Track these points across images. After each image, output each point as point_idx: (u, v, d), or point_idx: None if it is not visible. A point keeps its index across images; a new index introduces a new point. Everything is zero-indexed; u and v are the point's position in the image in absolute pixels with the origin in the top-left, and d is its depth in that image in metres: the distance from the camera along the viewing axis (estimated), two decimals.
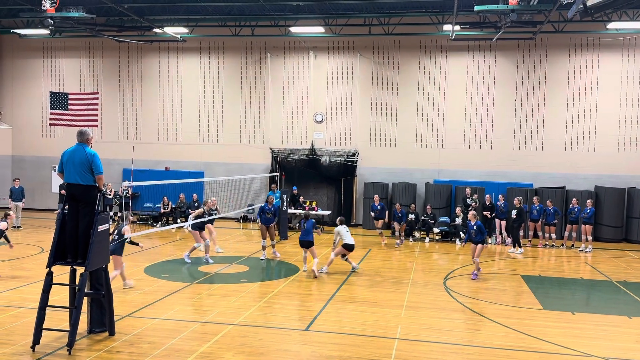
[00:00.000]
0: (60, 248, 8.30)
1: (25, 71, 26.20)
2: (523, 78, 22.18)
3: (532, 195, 20.14)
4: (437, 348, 8.64)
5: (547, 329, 9.73)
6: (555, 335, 9.36)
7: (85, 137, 8.47)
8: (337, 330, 9.42)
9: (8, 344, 8.21)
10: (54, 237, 8.31)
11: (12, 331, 8.83)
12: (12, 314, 9.72)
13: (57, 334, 8.49)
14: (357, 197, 23.23)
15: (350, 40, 23.29)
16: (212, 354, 8.10)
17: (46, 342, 8.19)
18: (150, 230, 16.45)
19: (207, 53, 24.59)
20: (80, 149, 8.35)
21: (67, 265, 8.41)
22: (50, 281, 8.17)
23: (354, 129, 23.39)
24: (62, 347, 8.03)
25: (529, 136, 22.14)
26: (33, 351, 7.92)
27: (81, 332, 8.56)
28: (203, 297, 11.30)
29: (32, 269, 13.54)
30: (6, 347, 8.08)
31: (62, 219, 8.35)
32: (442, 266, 15.50)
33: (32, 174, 25.61)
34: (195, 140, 24.68)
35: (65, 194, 8.46)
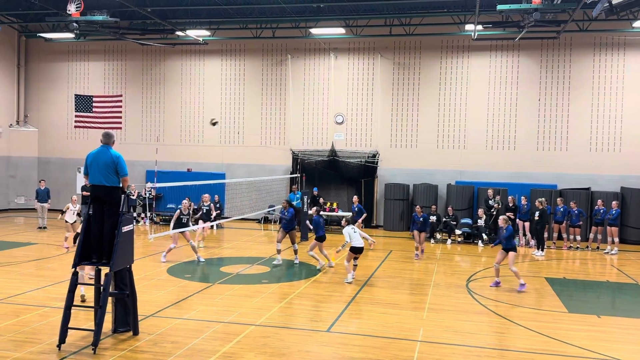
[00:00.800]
0: (86, 248, 8.42)
1: (51, 74, 26.68)
2: (547, 78, 21.90)
3: (556, 196, 19.87)
4: (460, 351, 8.57)
5: (572, 332, 9.59)
6: (580, 339, 9.22)
7: (113, 139, 8.61)
8: (359, 331, 9.40)
9: (35, 343, 8.36)
10: (80, 237, 8.44)
11: (38, 330, 8.99)
12: (38, 313, 9.90)
13: (83, 333, 8.62)
14: (378, 198, 23.15)
15: (371, 41, 23.25)
16: (234, 354, 8.14)
17: (72, 341, 8.31)
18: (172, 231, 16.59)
19: (228, 55, 24.76)
20: (105, 150, 8.47)
21: (92, 265, 8.53)
22: (75, 281, 8.30)
23: (375, 130, 23.34)
24: (87, 346, 8.15)
25: (553, 137, 21.84)
26: (59, 350, 8.05)
27: (106, 331, 8.68)
28: (225, 298, 11.37)
29: (57, 268, 13.76)
30: (33, 346, 8.23)
31: (87, 220, 8.48)
32: (465, 268, 15.37)
33: (57, 176, 26.05)
34: (217, 141, 24.86)
35: (91, 196, 8.58)
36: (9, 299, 10.85)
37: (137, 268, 11.14)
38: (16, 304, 10.49)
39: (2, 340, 8.46)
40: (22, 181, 26.14)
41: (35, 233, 19.77)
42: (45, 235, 19.18)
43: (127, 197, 8.74)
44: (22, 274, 13.16)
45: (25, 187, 25.92)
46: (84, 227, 8.47)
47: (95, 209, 8.46)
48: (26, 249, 16.49)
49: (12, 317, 9.62)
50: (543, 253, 17.58)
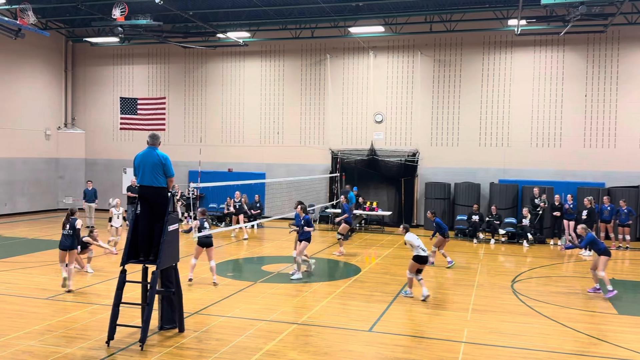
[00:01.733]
0: (133, 247, 8.63)
1: (96, 78, 27.45)
2: (593, 73, 21.27)
3: (603, 194, 19.26)
4: (505, 353, 8.41)
5: (622, 335, 9.29)
6: (630, 341, 8.92)
7: (158, 140, 8.80)
8: (401, 332, 9.33)
9: (85, 339, 8.61)
10: (127, 236, 8.66)
11: (88, 326, 9.25)
12: (87, 310, 10.19)
13: (130, 330, 8.83)
14: (418, 197, 22.94)
15: (410, 39, 23.05)
16: (277, 352, 8.20)
17: (120, 338, 8.53)
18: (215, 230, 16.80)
19: (268, 56, 24.97)
20: (152, 152, 8.65)
21: (140, 264, 8.73)
22: (123, 279, 8.51)
23: (415, 128, 23.13)
24: (135, 343, 8.35)
25: (600, 133, 21.20)
26: (108, 346, 8.27)
27: (152, 328, 8.87)
28: (267, 296, 11.46)
29: (105, 267, 14.14)
30: (83, 342, 8.47)
31: (134, 219, 8.69)
32: (509, 269, 15.07)
33: (104, 176, 26.79)
34: (257, 142, 25.11)
35: (138, 195, 8.79)
36: (58, 296, 11.21)
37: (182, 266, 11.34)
38: (66, 301, 10.83)
39: (54, 336, 8.75)
40: (70, 182, 26.99)
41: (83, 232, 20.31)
42: None
43: (173, 197, 8.91)
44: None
45: (73, 187, 26.74)
46: (131, 227, 8.68)
47: (142, 208, 8.66)
48: None
49: (62, 314, 9.93)
50: (591, 253, 17.07)
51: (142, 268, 8.84)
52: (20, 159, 25.01)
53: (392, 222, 22.62)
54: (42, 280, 12.48)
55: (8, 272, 13.38)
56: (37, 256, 15.26)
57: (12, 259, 15.01)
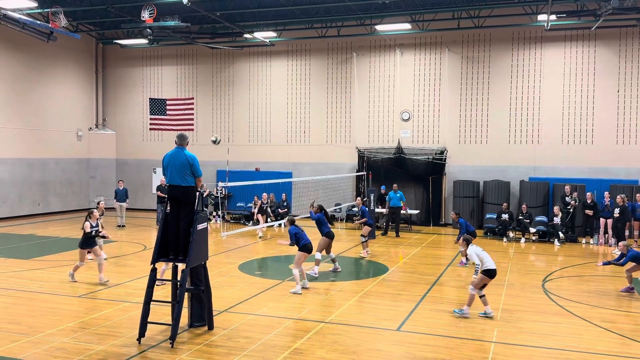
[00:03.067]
0: (163, 246, 8.75)
1: (126, 79, 27.90)
2: (626, 68, 20.77)
3: (637, 192, 18.79)
4: (537, 353, 8.28)
5: None
6: None
7: (186, 141, 8.90)
8: (430, 331, 9.25)
9: (116, 336, 8.76)
10: (158, 235, 8.78)
11: (119, 324, 9.41)
12: (119, 308, 10.37)
13: (161, 327, 8.95)
14: (447, 196, 22.73)
15: (437, 36, 22.85)
16: (305, 350, 8.22)
17: (150, 335, 8.65)
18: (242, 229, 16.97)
19: (294, 55, 25.03)
20: (180, 152, 8.76)
21: (170, 262, 8.84)
22: (154, 277, 8.63)
23: (442, 126, 22.92)
24: (165, 340, 8.45)
25: (633, 129, 20.69)
26: (139, 343, 8.39)
27: (182, 325, 8.98)
28: (294, 295, 11.49)
29: (136, 265, 14.37)
30: (114, 339, 8.62)
31: (164, 218, 8.81)
32: (540, 268, 14.82)
33: (134, 176, 27.22)
34: (284, 141, 25.20)
35: (168, 195, 8.91)
36: (91, 294, 11.43)
37: (211, 265, 11.46)
38: (98, 299, 11.04)
39: (86, 333, 8.92)
40: (102, 182, 27.50)
41: (114, 231, 20.71)
42: (123, 234, 20.07)
43: (202, 196, 9.01)
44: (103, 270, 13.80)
45: (105, 187, 27.23)
46: (161, 226, 8.80)
47: (172, 207, 8.78)
48: (106, 247, 17.23)
49: (94, 312, 10.13)
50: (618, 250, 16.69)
51: (172, 266, 8.95)
52: (53, 159, 25.58)
53: (420, 220, 22.47)
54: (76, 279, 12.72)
55: (42, 270, 13.70)
56: (70, 255, 15.57)
57: (45, 257, 15.36)
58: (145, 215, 25.29)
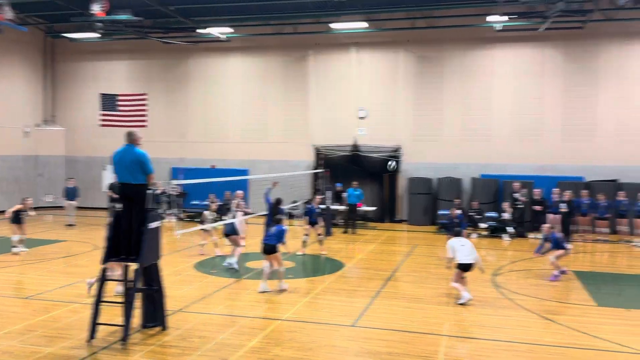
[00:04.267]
0: (114, 245, 8.57)
1: (76, 74, 27.10)
2: (573, 69, 21.52)
3: (582, 188, 19.54)
4: (487, 345, 8.52)
5: (601, 326, 9.45)
6: (609, 333, 9.08)
7: (134, 137, 8.70)
8: (384, 326, 9.39)
9: (66, 338, 8.54)
10: (108, 234, 8.59)
11: (69, 325, 9.17)
12: (68, 309, 10.10)
13: (112, 329, 8.76)
14: (401, 192, 23.06)
15: (393, 35, 23.11)
16: (261, 348, 8.21)
17: (101, 336, 8.47)
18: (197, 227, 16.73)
19: (250, 52, 24.86)
20: (130, 149, 8.58)
21: (121, 262, 8.67)
22: (104, 277, 8.45)
23: (398, 124, 23.21)
24: (117, 341, 8.29)
25: (579, 128, 21.47)
26: (90, 345, 8.21)
27: (135, 326, 8.82)
28: (251, 293, 11.46)
29: (86, 265, 14.01)
30: (64, 341, 8.40)
31: (115, 217, 8.63)
32: (490, 262, 15.21)
33: (84, 174, 26.47)
34: (240, 138, 25.01)
35: (118, 193, 8.73)
36: (39, 295, 11.09)
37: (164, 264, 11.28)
38: (47, 300, 10.71)
39: (35, 335, 8.66)
40: (50, 180, 26.65)
41: (63, 230, 20.16)
42: (73, 233, 19.54)
43: (154, 194, 8.86)
44: (51, 270, 13.44)
45: (54, 185, 26.41)
46: (112, 225, 8.61)
47: (123, 206, 8.60)
48: (55, 246, 16.83)
49: (43, 313, 9.83)
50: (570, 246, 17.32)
51: (123, 266, 8.78)
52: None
53: (376, 217, 22.72)
54: (22, 280, 12.34)
55: None
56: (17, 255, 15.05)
57: None
58: (95, 214, 24.66)
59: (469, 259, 10.83)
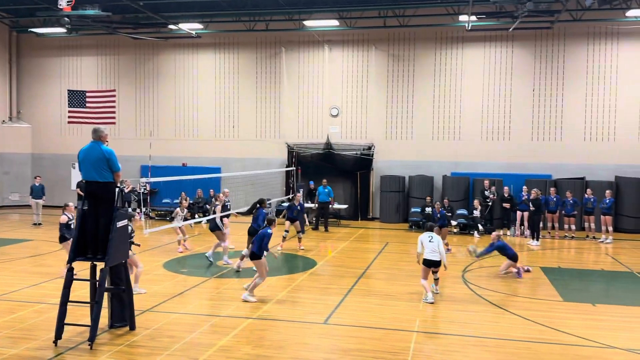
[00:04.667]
0: (81, 244, 8.39)
1: (43, 70, 26.51)
2: (541, 68, 21.90)
3: (551, 186, 19.92)
4: (456, 341, 8.61)
5: (567, 321, 9.64)
6: (575, 327, 9.27)
7: (100, 134, 8.51)
8: (356, 323, 9.41)
9: (32, 339, 8.35)
10: (74, 233, 8.42)
11: (35, 326, 8.97)
12: (34, 310, 9.88)
13: (79, 329, 8.60)
14: (374, 190, 23.17)
15: (365, 33, 23.18)
16: (231, 347, 8.15)
17: (68, 337, 8.31)
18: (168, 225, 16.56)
19: (222, 49, 24.66)
20: (96, 146, 8.40)
21: (88, 261, 8.51)
22: (71, 277, 8.28)
23: (370, 122, 23.31)
24: (84, 342, 8.14)
25: (547, 127, 21.88)
26: (55, 346, 8.04)
27: (102, 326, 8.67)
28: (221, 292, 11.37)
29: (52, 265, 13.72)
30: (29, 342, 8.21)
31: (81, 215, 8.45)
32: (460, 259, 15.40)
33: (51, 172, 25.91)
34: (212, 136, 24.80)
35: (84, 191, 8.54)
36: (4, 295, 10.82)
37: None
38: (12, 301, 10.46)
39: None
40: (16, 178, 26.01)
41: (30, 229, 19.72)
42: (40, 232, 19.12)
43: (122, 192, 8.71)
44: (17, 270, 13.13)
45: (19, 183, 25.79)
46: (78, 224, 8.43)
47: (89, 204, 8.43)
48: (21, 246, 16.45)
49: (8, 314, 9.59)
50: (538, 243, 17.67)
51: (90, 265, 8.61)
52: None
53: (349, 215, 22.78)
54: None
55: None
56: None
57: None
58: None
59: (434, 256, 10.79)
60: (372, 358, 7.86)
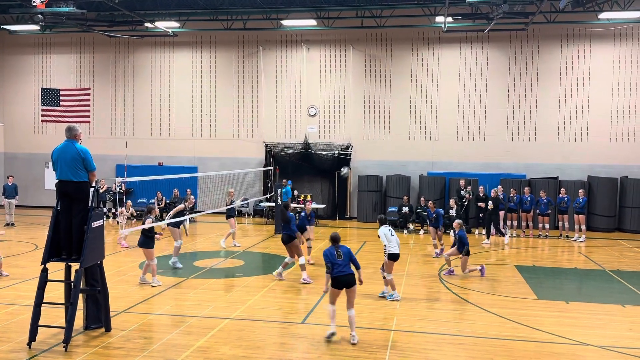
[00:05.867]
0: (55, 245, 8.27)
1: (16, 68, 26.01)
2: (515, 69, 22.21)
3: (525, 185, 20.22)
4: (433, 339, 8.69)
5: (541, 319, 9.80)
6: (550, 325, 9.43)
7: (74, 132, 8.38)
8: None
9: (4, 341, 8.20)
10: (48, 234, 8.28)
11: (8, 328, 8.81)
12: (7, 311, 9.70)
13: (53, 331, 8.47)
14: (352, 190, 23.24)
15: (342, 33, 23.24)
16: (209, 348, 8.11)
17: (42, 339, 8.18)
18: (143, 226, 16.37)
19: (199, 47, 24.48)
20: (71, 145, 8.28)
21: (62, 262, 8.38)
22: (45, 278, 8.15)
23: (348, 122, 23.38)
24: (59, 344, 8.02)
25: (522, 127, 22.20)
26: (29, 348, 7.91)
27: (77, 328, 8.56)
28: (198, 292, 11.30)
29: (26, 266, 13.49)
30: (2, 345, 8.07)
31: (55, 215, 8.31)
32: (437, 258, 15.53)
33: (24, 171, 25.46)
34: (189, 135, 24.61)
35: (58, 191, 8.39)
36: None
37: (108, 264, 10.99)
38: None
39: None
40: None
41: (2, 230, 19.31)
42: (13, 232, 18.75)
43: (97, 192, 8.60)
44: None
45: None
46: (52, 224, 8.30)
47: (63, 204, 8.30)
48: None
49: None
50: (489, 241, 17.87)
51: (65, 266, 8.48)
52: None
53: (327, 214, 22.81)
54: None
55: None
56: None
57: None
58: (36, 212, 23.76)
59: (398, 249, 10.92)
60: (349, 357, 7.90)
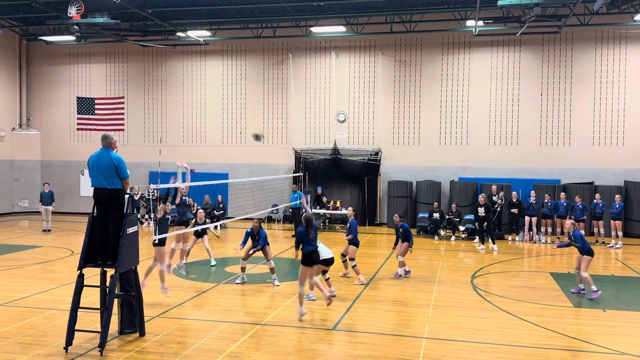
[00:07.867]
0: (91, 251, 8.44)
1: (52, 77, 26.73)
2: (548, 73, 21.85)
3: (559, 191, 19.82)
4: (466, 347, 8.57)
5: (578, 327, 9.58)
6: (586, 333, 9.21)
7: (109, 141, 8.56)
8: (365, 329, 9.40)
9: (42, 345, 8.38)
10: (84, 240, 8.46)
11: (45, 333, 9.01)
12: (44, 316, 9.92)
13: (89, 335, 8.64)
14: (381, 196, 23.15)
15: (371, 39, 23.23)
16: (240, 353, 8.15)
17: (78, 343, 8.34)
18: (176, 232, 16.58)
19: (229, 55, 24.78)
20: (105, 153, 8.45)
21: (98, 268, 8.55)
22: (81, 283, 8.32)
23: (377, 127, 23.32)
24: (94, 348, 8.17)
25: (555, 131, 21.80)
26: (66, 352, 8.07)
27: (112, 332, 8.70)
28: (230, 298, 11.39)
29: (62, 271, 13.79)
30: (40, 349, 8.25)
31: (91, 222, 8.50)
32: (469, 264, 15.35)
33: (60, 178, 26.11)
34: (220, 142, 24.89)
35: (94, 199, 8.58)
36: (15, 302, 10.88)
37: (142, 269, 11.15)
38: (22, 307, 10.51)
39: (9, 343, 8.49)
40: (26, 184, 26.22)
41: (39, 236, 19.83)
42: (49, 238, 19.23)
43: (131, 199, 8.75)
44: (27, 277, 13.20)
45: (29, 190, 25.99)
46: (88, 230, 8.48)
47: (98, 211, 8.47)
48: (31, 252, 16.54)
49: (18, 320, 9.65)
50: (484, 247, 17.52)
51: (100, 272, 8.65)
52: None
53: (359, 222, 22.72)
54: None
55: None
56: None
57: None
58: (72, 219, 24.32)
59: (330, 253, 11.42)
60: None
